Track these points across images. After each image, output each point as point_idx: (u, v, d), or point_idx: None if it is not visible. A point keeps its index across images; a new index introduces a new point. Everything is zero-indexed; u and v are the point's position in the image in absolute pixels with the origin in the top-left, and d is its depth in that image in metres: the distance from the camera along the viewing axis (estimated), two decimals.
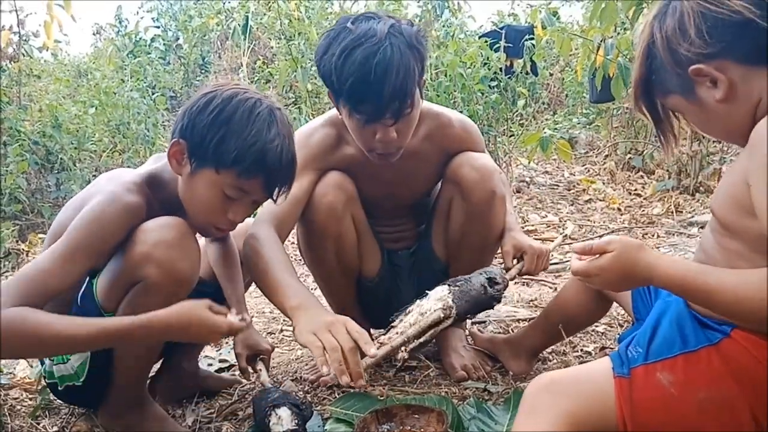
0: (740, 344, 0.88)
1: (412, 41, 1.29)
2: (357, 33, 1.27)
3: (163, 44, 5.94)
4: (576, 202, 3.61)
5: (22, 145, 3.66)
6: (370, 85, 1.25)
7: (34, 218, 3.80)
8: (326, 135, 1.47)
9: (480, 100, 3.65)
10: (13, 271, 3.04)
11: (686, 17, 0.88)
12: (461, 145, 1.51)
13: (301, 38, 4.28)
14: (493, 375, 1.53)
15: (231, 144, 1.14)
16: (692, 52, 0.88)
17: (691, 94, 0.91)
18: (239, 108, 1.15)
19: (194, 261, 1.19)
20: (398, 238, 1.64)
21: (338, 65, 1.27)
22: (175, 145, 1.18)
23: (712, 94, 0.89)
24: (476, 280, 1.26)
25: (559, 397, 0.90)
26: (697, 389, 0.88)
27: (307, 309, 1.17)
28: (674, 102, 0.96)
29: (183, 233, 1.17)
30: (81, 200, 1.22)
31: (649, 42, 0.94)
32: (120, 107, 4.38)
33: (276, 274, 1.25)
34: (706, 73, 0.88)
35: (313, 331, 1.11)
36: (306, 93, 3.88)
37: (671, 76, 0.92)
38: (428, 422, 1.22)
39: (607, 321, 1.79)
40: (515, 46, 4.04)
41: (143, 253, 1.14)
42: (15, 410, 1.43)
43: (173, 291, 1.17)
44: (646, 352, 0.93)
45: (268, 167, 1.16)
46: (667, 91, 0.95)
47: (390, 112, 1.30)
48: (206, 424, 1.37)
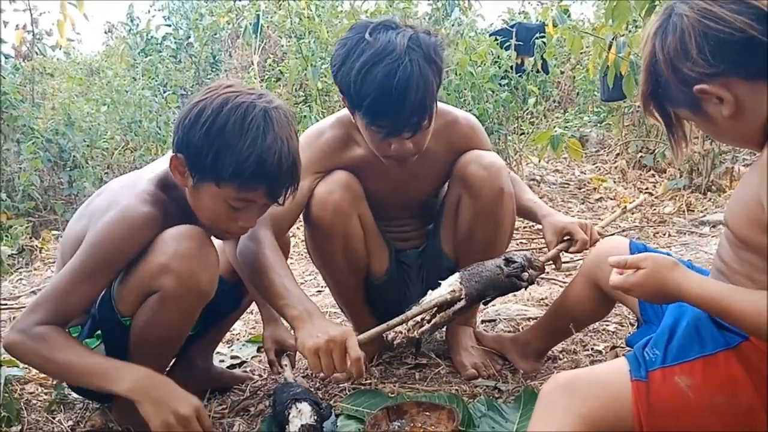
0: (759, 348, 0.88)
1: (430, 54, 1.30)
2: (376, 47, 1.26)
3: (175, 42, 5.97)
4: (587, 201, 3.59)
5: (36, 143, 3.70)
6: (390, 103, 1.26)
7: (47, 215, 3.84)
8: (334, 136, 1.48)
9: (490, 98, 3.65)
10: (27, 267, 3.07)
11: (687, 36, 0.87)
12: (467, 143, 1.52)
13: (311, 36, 4.29)
14: (504, 373, 1.53)
15: (227, 158, 1.10)
16: (696, 71, 0.87)
17: (699, 110, 0.91)
18: (231, 117, 1.11)
19: (212, 272, 1.19)
20: (406, 238, 1.64)
21: (357, 81, 1.27)
22: (174, 160, 1.17)
23: (719, 110, 0.88)
24: (491, 263, 1.29)
25: (576, 398, 0.90)
26: (715, 393, 0.88)
27: (309, 318, 1.20)
28: (683, 114, 0.96)
29: (202, 243, 1.17)
30: (93, 208, 1.23)
31: (652, 60, 0.93)
32: (132, 105, 4.42)
33: (276, 279, 1.26)
34: (711, 92, 0.87)
35: (315, 348, 1.16)
36: (316, 91, 3.89)
37: (677, 93, 0.92)
38: (439, 419, 1.23)
39: (618, 320, 1.79)
40: (526, 44, 4.02)
41: (161, 263, 1.14)
42: (31, 405, 1.45)
43: (191, 302, 1.19)
44: (663, 355, 0.93)
45: (269, 176, 1.13)
46: (675, 105, 0.95)
47: (408, 127, 1.31)
48: (218, 420, 1.38)
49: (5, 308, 2.42)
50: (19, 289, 2.73)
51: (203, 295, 1.20)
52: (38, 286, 2.71)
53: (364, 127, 1.35)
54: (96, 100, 4.52)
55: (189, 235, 1.16)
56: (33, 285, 2.76)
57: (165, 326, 1.21)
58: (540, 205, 1.59)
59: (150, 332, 1.20)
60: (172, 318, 1.20)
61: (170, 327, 1.23)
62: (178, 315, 1.21)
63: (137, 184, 1.21)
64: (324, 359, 1.15)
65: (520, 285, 1.29)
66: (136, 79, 5.00)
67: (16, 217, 3.58)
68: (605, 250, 1.32)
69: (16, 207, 3.66)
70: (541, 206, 1.59)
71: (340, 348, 1.15)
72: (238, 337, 1.92)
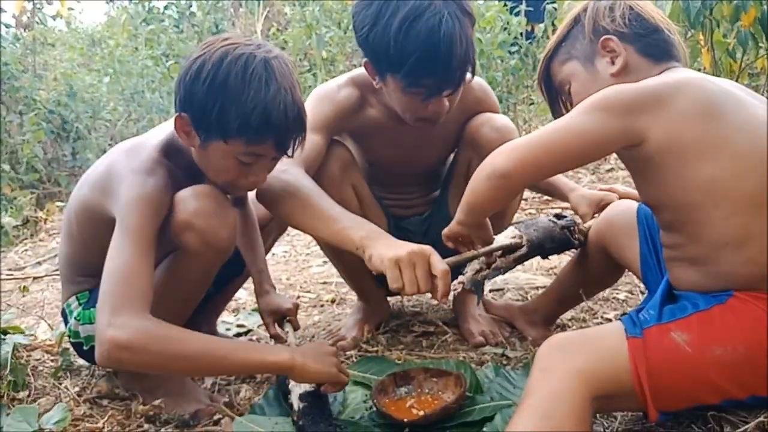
0: (747, 300, 0.90)
1: (464, 7, 1.24)
2: (413, 2, 1.20)
3: (177, 12, 5.87)
4: (597, 171, 3.54)
5: (38, 114, 3.68)
6: (437, 59, 1.20)
7: (51, 187, 3.84)
8: (350, 95, 1.42)
9: (499, 66, 3.59)
10: (31, 238, 3.07)
11: (618, 4, 1.09)
12: (479, 106, 1.48)
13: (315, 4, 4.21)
14: (512, 341, 1.52)
15: (231, 113, 1.08)
16: (611, 27, 1.08)
17: (589, 62, 1.11)
18: (232, 70, 1.08)
19: (232, 230, 1.18)
20: (409, 205, 1.61)
21: (399, 39, 1.19)
22: (179, 120, 1.14)
23: (607, 68, 1.08)
24: (542, 217, 1.29)
25: (572, 356, 0.90)
26: (712, 345, 0.89)
27: (380, 236, 1.13)
28: (570, 69, 1.13)
29: (221, 202, 1.16)
30: (98, 176, 1.21)
31: (580, 11, 1.13)
32: (134, 75, 4.37)
33: (324, 204, 1.20)
34: (612, 48, 1.08)
35: (396, 260, 1.07)
36: (321, 60, 3.83)
37: (582, 42, 1.12)
38: (446, 385, 1.22)
39: (629, 288, 1.77)
40: (536, 11, 3.94)
41: (184, 220, 1.13)
42: (37, 371, 1.45)
43: (211, 259, 1.19)
44: (658, 314, 0.94)
45: (276, 127, 1.11)
46: (569, 57, 1.14)
47: (451, 84, 1.26)
48: (225, 387, 1.38)
49: (11, 279, 2.43)
50: (24, 260, 2.74)
51: (223, 252, 1.19)
52: (43, 257, 2.72)
53: (398, 91, 1.28)
54: (98, 71, 4.49)
55: (208, 194, 1.15)
56: (38, 256, 2.77)
57: (184, 284, 1.21)
58: (563, 180, 1.56)
59: (169, 290, 1.20)
60: (191, 276, 1.21)
61: (189, 285, 1.23)
62: (198, 272, 1.21)
63: (140, 153, 1.19)
64: (407, 273, 1.06)
65: (573, 242, 1.27)
66: (138, 49, 4.94)
67: (20, 188, 3.58)
68: (613, 215, 1.31)
69: (20, 179, 3.66)
70: (565, 181, 1.56)
71: (423, 261, 1.07)
72: (243, 306, 1.92)
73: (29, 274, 2.46)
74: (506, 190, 1.05)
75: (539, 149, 1.00)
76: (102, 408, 1.29)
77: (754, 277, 0.91)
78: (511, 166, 1.00)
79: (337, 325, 1.64)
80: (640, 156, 0.95)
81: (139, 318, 1.01)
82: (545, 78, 1.19)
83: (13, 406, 1.25)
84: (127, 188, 1.12)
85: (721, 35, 2.68)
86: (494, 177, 1.02)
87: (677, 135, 0.92)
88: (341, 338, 1.55)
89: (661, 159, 0.93)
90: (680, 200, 0.94)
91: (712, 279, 0.94)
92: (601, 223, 1.34)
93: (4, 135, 3.66)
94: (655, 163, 0.94)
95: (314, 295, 2.01)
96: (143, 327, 1.00)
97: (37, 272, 2.50)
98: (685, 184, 0.92)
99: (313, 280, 2.15)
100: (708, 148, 0.91)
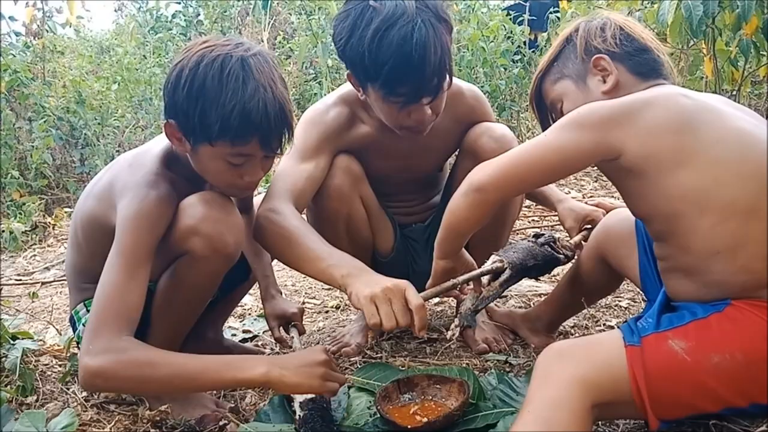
0: (744, 308, 0.91)
1: (440, 14, 1.25)
2: (386, 12, 1.21)
3: (184, 20, 5.93)
4: (600, 179, 3.55)
5: (47, 121, 3.72)
6: (410, 67, 1.21)
7: (60, 193, 3.88)
8: (339, 114, 1.43)
9: (503, 74, 3.60)
10: (40, 243, 3.10)
11: (608, 25, 1.14)
12: (473, 115, 1.49)
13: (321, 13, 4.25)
14: (515, 348, 1.53)
15: (212, 115, 1.08)
16: (602, 46, 1.12)
17: (581, 81, 1.14)
18: (208, 73, 1.09)
19: (239, 236, 1.20)
20: (410, 212, 1.62)
21: (372, 49, 1.20)
22: (168, 127, 1.16)
23: (599, 86, 1.11)
24: (520, 240, 1.30)
25: (571, 363, 0.91)
26: (710, 354, 0.89)
27: (360, 273, 1.13)
28: (562, 87, 1.16)
29: (227, 208, 1.18)
30: (102, 188, 1.23)
31: (572, 31, 1.17)
32: (142, 83, 4.41)
33: (310, 243, 1.21)
34: (603, 67, 1.11)
35: (372, 297, 1.07)
36: (326, 68, 3.86)
37: (573, 62, 1.15)
38: (449, 392, 1.23)
39: (631, 296, 1.77)
40: (539, 19, 3.96)
41: (190, 226, 1.15)
42: (45, 376, 1.47)
43: (218, 264, 1.20)
44: (656, 322, 0.95)
45: (257, 125, 1.10)
46: (561, 75, 1.17)
47: (429, 91, 1.27)
48: (230, 392, 1.39)
49: (20, 284, 2.45)
50: (33, 265, 2.76)
51: (229, 258, 1.21)
52: (51, 262, 2.74)
53: (379, 100, 1.31)
54: (106, 78, 4.53)
55: (215, 200, 1.17)
56: (46, 261, 2.79)
57: (191, 289, 1.23)
58: (553, 189, 1.57)
59: (175, 295, 1.22)
60: (198, 281, 1.22)
61: (196, 290, 1.24)
62: (205, 277, 1.22)
63: (144, 164, 1.20)
64: (383, 308, 1.06)
65: (558, 257, 1.27)
66: (146, 57, 4.99)
67: (29, 194, 3.61)
68: (611, 225, 1.33)
69: (29, 185, 3.70)
70: (554, 191, 1.57)
71: (399, 296, 1.07)
72: (249, 312, 1.93)
73: (38, 280, 2.49)
74: (483, 204, 1.08)
75: (516, 164, 1.04)
76: (109, 413, 1.31)
77: (749, 285, 0.91)
78: (486, 180, 1.05)
79: (342, 331, 1.66)
80: (620, 168, 0.98)
81: (114, 341, 1.02)
82: (537, 96, 1.23)
83: (22, 410, 1.27)
84: (127, 203, 1.13)
85: (723, 44, 2.70)
86: (470, 191, 1.07)
87: (652, 147, 0.94)
88: (345, 344, 1.57)
89: (639, 170, 0.96)
90: (664, 210, 0.96)
91: (707, 288, 0.95)
92: (599, 233, 1.35)
93: (13, 141, 3.70)
94: (634, 174, 0.97)
95: (319, 301, 2.03)
96: (115, 353, 1.02)
97: (45, 277, 2.53)
98: (667, 194, 0.94)
99: (317, 286, 2.16)
100: (684, 158, 0.93)
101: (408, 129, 1.35)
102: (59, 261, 2.71)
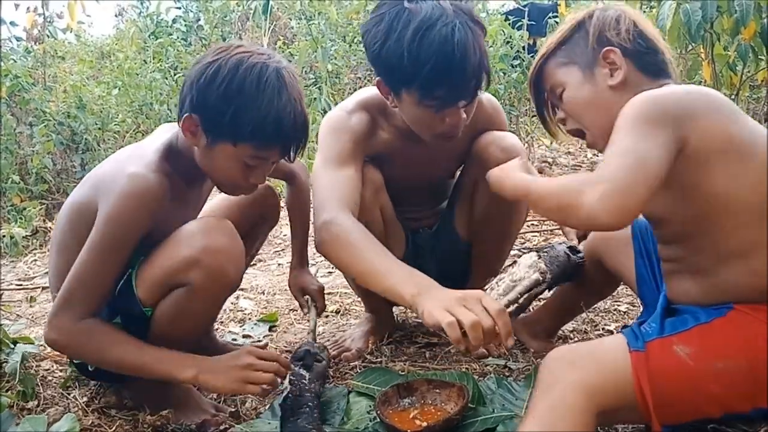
0: (747, 312, 0.91)
1: (474, 17, 1.25)
2: (424, 14, 1.20)
3: (185, 25, 5.94)
4: None
5: (48, 126, 3.72)
6: (451, 67, 1.20)
7: (60, 197, 3.87)
8: (362, 119, 1.42)
9: (501, 79, 3.61)
10: (40, 248, 3.10)
11: (623, 18, 1.10)
12: (489, 123, 1.49)
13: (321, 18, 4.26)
14: (514, 352, 1.53)
15: (246, 118, 1.13)
16: (615, 39, 1.08)
17: (588, 70, 1.09)
18: (247, 77, 1.13)
19: (240, 265, 1.23)
20: (417, 218, 1.63)
21: (412, 49, 1.19)
22: (188, 120, 1.18)
23: (605, 79, 1.07)
24: (560, 248, 1.31)
25: (575, 369, 0.91)
26: (714, 358, 0.90)
27: (430, 290, 1.09)
28: (567, 73, 1.11)
29: (230, 237, 1.19)
30: (99, 176, 1.24)
31: (585, 17, 1.12)
32: (143, 88, 4.42)
33: (375, 257, 1.18)
34: (613, 60, 1.07)
35: (447, 309, 1.01)
36: (326, 73, 3.87)
37: (583, 49, 1.10)
38: (449, 397, 1.23)
39: (630, 300, 1.78)
40: (538, 24, 3.97)
41: (191, 257, 1.16)
42: (46, 381, 1.47)
43: (219, 295, 1.22)
44: (660, 327, 0.95)
45: (285, 135, 1.18)
46: (568, 61, 1.11)
47: (467, 93, 1.26)
48: (231, 397, 1.39)
49: (20, 289, 2.46)
50: (33, 270, 2.77)
51: (231, 287, 1.24)
52: None
53: (413, 105, 1.28)
54: (107, 83, 4.53)
55: (217, 228, 1.19)
56: (46, 266, 2.79)
57: (192, 318, 1.23)
58: None
59: (176, 324, 1.22)
60: (199, 310, 1.23)
61: (197, 319, 1.25)
62: (206, 307, 1.24)
63: (144, 155, 1.22)
64: (462, 314, 0.99)
65: (577, 276, 1.30)
66: (147, 62, 4.99)
67: (29, 199, 3.62)
68: None
69: (29, 189, 3.70)
70: None
71: (476, 302, 1.01)
72: (249, 317, 1.94)
73: (38, 284, 2.49)
74: None
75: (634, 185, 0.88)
76: (110, 418, 1.31)
77: (754, 289, 0.92)
78: (613, 217, 0.88)
79: (342, 336, 1.66)
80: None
81: (73, 323, 1.14)
82: (537, 78, 1.17)
83: (23, 416, 1.27)
84: (118, 187, 1.15)
85: (721, 48, 2.71)
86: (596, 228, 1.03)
87: (707, 142, 0.91)
88: (346, 349, 1.57)
89: (684, 167, 0.91)
90: (691, 211, 0.94)
91: (712, 291, 0.95)
92: (596, 237, 1.35)
93: (14, 146, 3.71)
94: (677, 171, 0.91)
95: None
96: (70, 334, 1.15)
97: (45, 282, 2.53)
98: (702, 193, 0.92)
99: None
100: (732, 158, 0.91)
101: (440, 135, 1.33)
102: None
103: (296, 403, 1.19)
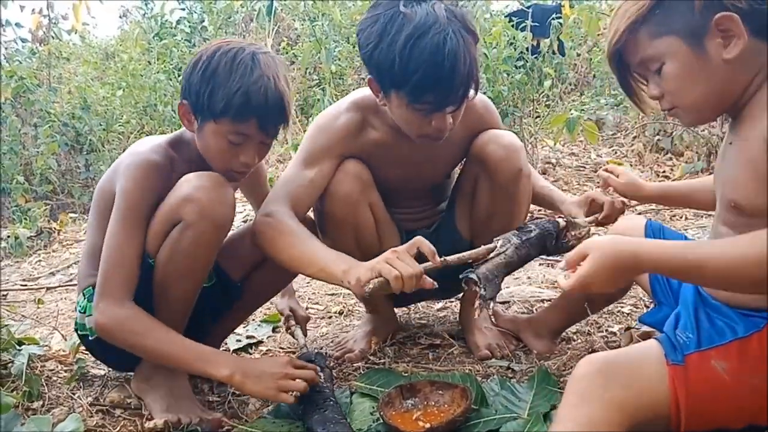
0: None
1: (467, 24, 1.27)
2: (417, 19, 1.22)
3: (189, 26, 5.96)
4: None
5: (52, 127, 3.74)
6: (440, 76, 1.22)
7: (64, 198, 3.90)
8: (350, 120, 1.44)
9: (505, 80, 3.60)
10: (45, 249, 3.12)
11: None
12: (482, 123, 1.50)
13: (325, 19, 4.27)
14: (517, 354, 1.53)
15: (219, 94, 1.24)
16: (729, 2, 0.85)
17: (696, 42, 0.88)
18: (222, 60, 1.25)
19: (229, 207, 1.28)
20: (417, 219, 1.63)
21: (404, 55, 1.21)
22: (181, 107, 1.31)
23: (720, 50, 0.87)
24: (541, 222, 1.35)
25: (611, 386, 0.87)
26: (751, 375, 0.88)
27: (359, 265, 1.19)
28: (666, 45, 0.90)
29: (221, 182, 1.27)
30: (116, 163, 1.36)
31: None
32: (147, 89, 4.44)
33: (308, 244, 1.27)
34: (728, 27, 0.85)
35: (373, 266, 1.15)
36: (330, 74, 3.88)
37: (686, 15, 0.88)
38: (452, 398, 1.23)
39: (633, 302, 1.78)
40: (542, 25, 3.96)
41: (184, 194, 1.24)
42: (51, 381, 1.48)
43: (209, 233, 1.26)
44: (697, 338, 0.92)
45: (256, 108, 1.25)
46: (667, 31, 0.90)
47: (455, 100, 1.28)
48: (238, 397, 1.40)
49: (25, 289, 2.47)
50: (38, 271, 2.78)
51: (220, 228, 1.28)
52: (56, 268, 2.76)
53: (402, 107, 1.31)
54: (111, 84, 4.55)
55: (210, 175, 1.27)
56: (51, 266, 2.81)
57: (185, 258, 1.27)
58: (557, 192, 1.59)
59: (172, 265, 1.27)
60: (191, 249, 1.26)
61: (189, 260, 1.27)
62: (197, 246, 1.26)
63: (155, 142, 1.35)
64: (391, 261, 1.15)
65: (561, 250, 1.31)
66: (151, 63, 5.01)
67: (34, 200, 3.64)
68: (621, 230, 1.31)
69: (34, 190, 3.73)
70: (559, 193, 1.59)
71: (400, 250, 1.18)
72: (253, 318, 1.94)
73: (43, 285, 2.51)
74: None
75: None
76: (114, 418, 1.32)
77: None
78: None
79: (345, 337, 1.66)
80: None
81: (117, 308, 1.21)
82: (617, 53, 0.97)
83: (28, 416, 1.28)
84: (127, 164, 1.28)
85: None
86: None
87: None
88: (349, 350, 1.57)
89: None
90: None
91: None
92: None
93: (19, 147, 3.73)
94: None
95: (322, 306, 2.04)
96: (115, 318, 1.21)
97: (50, 283, 2.54)
98: None
99: (321, 291, 2.17)
100: None
101: (426, 137, 1.36)
102: (64, 266, 2.73)
103: (320, 397, 1.21)
